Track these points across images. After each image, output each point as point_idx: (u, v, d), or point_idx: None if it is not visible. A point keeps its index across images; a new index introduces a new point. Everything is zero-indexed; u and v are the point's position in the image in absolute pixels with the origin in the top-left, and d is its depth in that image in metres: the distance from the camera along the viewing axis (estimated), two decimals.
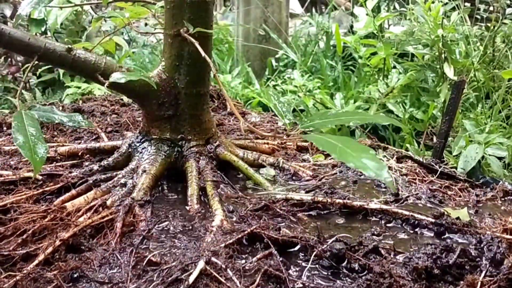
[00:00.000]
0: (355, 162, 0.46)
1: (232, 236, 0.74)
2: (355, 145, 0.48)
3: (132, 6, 0.83)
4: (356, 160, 0.46)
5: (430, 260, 0.71)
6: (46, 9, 0.94)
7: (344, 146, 0.47)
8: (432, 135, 1.63)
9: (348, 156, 0.46)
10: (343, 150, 0.47)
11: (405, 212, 0.81)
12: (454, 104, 1.10)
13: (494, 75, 1.76)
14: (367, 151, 0.48)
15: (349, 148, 0.47)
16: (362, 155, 0.47)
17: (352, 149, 0.47)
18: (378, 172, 0.44)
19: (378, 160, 0.45)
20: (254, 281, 0.65)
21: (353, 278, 0.68)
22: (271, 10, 2.64)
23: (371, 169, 0.46)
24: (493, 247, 0.75)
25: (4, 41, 0.77)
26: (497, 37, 1.86)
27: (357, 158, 0.47)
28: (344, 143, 0.48)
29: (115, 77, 0.74)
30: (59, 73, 2.25)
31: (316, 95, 1.91)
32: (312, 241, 0.72)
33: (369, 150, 0.49)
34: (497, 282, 0.69)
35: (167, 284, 0.65)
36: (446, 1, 1.85)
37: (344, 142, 0.48)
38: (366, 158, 0.47)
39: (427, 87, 1.82)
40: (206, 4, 0.85)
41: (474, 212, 0.87)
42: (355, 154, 0.47)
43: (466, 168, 1.18)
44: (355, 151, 0.47)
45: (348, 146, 0.47)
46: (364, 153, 0.48)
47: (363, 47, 1.89)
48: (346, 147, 0.47)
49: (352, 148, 0.47)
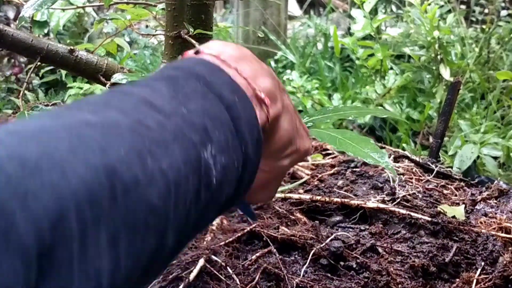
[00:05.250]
0: (355, 151, 0.47)
1: (232, 235, 0.75)
2: (354, 136, 0.50)
3: (133, 8, 0.84)
4: (356, 149, 0.47)
5: (426, 258, 0.72)
6: (49, 11, 0.95)
7: (344, 137, 0.48)
8: (428, 135, 1.65)
9: (348, 146, 0.48)
10: (342, 140, 0.48)
11: (402, 211, 0.82)
12: (449, 104, 1.12)
13: (489, 76, 1.78)
14: (366, 141, 0.50)
15: (349, 139, 0.48)
16: (361, 144, 0.49)
17: (351, 140, 0.48)
18: (379, 159, 0.45)
19: (378, 149, 0.47)
20: (254, 279, 0.66)
21: (351, 276, 0.69)
22: (270, 12, 2.65)
23: (371, 156, 0.47)
24: (488, 245, 0.76)
25: (7, 42, 0.78)
26: (492, 39, 1.88)
27: (356, 147, 0.48)
28: (343, 134, 0.50)
29: (116, 78, 0.75)
30: (62, 74, 2.26)
31: (314, 96, 1.92)
32: (310, 240, 0.73)
33: (368, 140, 0.50)
34: (492, 279, 0.70)
35: (168, 282, 0.66)
36: (442, 3, 1.87)
37: (343, 134, 0.50)
38: (366, 147, 0.49)
39: (423, 88, 1.83)
40: (206, 7, 0.86)
41: (469, 210, 0.89)
42: (355, 143, 0.48)
43: (461, 168, 1.20)
44: (355, 141, 0.48)
45: (347, 137, 0.49)
46: (363, 142, 0.49)
47: (360, 49, 1.91)
48: (345, 138, 0.48)
49: (352, 139, 0.48)
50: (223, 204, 0.31)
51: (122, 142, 0.23)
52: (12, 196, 0.18)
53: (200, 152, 0.27)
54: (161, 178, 0.24)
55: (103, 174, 0.21)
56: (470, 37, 1.96)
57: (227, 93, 0.31)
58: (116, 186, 0.22)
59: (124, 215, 0.22)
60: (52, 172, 0.20)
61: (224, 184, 0.29)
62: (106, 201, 0.21)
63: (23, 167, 0.19)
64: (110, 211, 0.21)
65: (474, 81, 1.76)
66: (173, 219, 0.25)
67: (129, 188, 0.22)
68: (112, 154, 0.22)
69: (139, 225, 0.23)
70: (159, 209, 0.24)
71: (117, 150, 0.23)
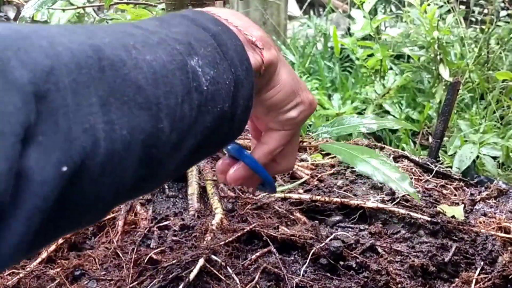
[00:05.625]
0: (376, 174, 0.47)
1: (231, 235, 0.75)
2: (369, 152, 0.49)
3: (133, 9, 0.84)
4: (377, 172, 0.47)
5: (426, 258, 0.72)
6: (49, 11, 0.95)
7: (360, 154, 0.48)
8: (427, 135, 1.65)
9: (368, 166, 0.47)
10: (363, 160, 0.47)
11: (401, 210, 0.83)
12: (449, 104, 1.12)
13: (488, 76, 1.78)
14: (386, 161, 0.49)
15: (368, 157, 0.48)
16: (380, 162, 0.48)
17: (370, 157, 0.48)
18: (400, 184, 0.44)
19: (400, 171, 0.46)
20: (253, 278, 0.66)
21: (350, 275, 0.69)
22: (270, 12, 2.65)
23: (393, 180, 0.47)
24: (487, 245, 0.76)
25: None
26: (492, 39, 1.89)
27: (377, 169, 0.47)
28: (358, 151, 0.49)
29: None
30: None
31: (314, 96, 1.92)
32: (310, 239, 0.73)
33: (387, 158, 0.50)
34: (492, 279, 0.71)
35: (168, 282, 0.66)
36: (441, 3, 1.87)
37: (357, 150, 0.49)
38: (388, 169, 0.48)
39: (423, 88, 1.84)
40: (206, 7, 0.86)
41: (469, 210, 0.89)
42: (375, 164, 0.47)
43: (461, 168, 1.20)
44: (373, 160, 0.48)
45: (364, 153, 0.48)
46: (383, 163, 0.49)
47: (360, 49, 1.91)
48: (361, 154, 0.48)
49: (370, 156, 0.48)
50: (221, 124, 0.32)
51: (107, 35, 0.25)
52: (7, 48, 0.20)
53: (186, 59, 0.29)
54: (147, 66, 0.26)
55: (90, 49, 0.23)
56: (470, 37, 1.96)
57: (213, 26, 0.32)
58: (103, 60, 0.24)
59: (113, 87, 0.24)
60: (42, 41, 0.22)
61: (217, 96, 0.30)
62: (95, 72, 0.23)
63: (16, 33, 0.21)
64: (100, 81, 0.23)
65: (473, 81, 1.76)
66: (165, 106, 0.26)
67: (116, 66, 0.24)
68: (98, 40, 0.25)
69: (129, 100, 0.24)
70: (147, 91, 0.25)
71: (103, 38, 0.25)
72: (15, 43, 0.21)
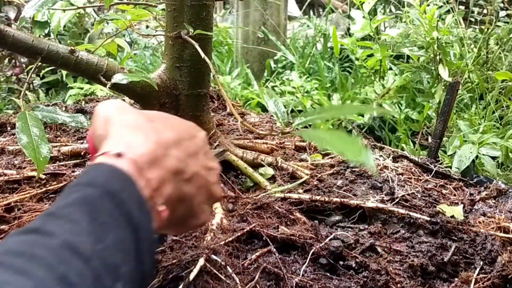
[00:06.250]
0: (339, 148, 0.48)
1: (231, 234, 0.75)
2: (342, 136, 0.50)
3: (133, 9, 0.84)
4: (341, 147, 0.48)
5: (425, 258, 0.73)
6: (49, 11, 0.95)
7: (332, 137, 0.49)
8: (427, 135, 1.66)
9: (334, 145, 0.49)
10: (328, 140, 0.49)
11: (400, 210, 0.83)
12: (448, 104, 1.12)
13: (488, 76, 1.79)
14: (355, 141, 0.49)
15: (336, 139, 0.49)
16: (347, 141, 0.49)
17: (338, 139, 0.49)
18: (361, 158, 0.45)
19: (363, 147, 0.47)
20: (253, 278, 0.66)
21: (350, 275, 0.69)
22: (270, 12, 2.66)
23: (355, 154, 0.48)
24: (487, 245, 0.77)
25: (8, 43, 0.78)
26: (491, 39, 1.89)
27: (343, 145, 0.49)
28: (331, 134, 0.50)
29: (117, 78, 0.75)
30: (62, 74, 2.26)
31: (313, 96, 1.93)
32: (310, 239, 0.73)
33: (357, 139, 0.50)
34: (491, 279, 0.71)
35: (168, 281, 0.66)
36: (441, 4, 1.87)
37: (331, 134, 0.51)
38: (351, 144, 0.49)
39: (422, 88, 1.84)
40: (206, 7, 0.87)
41: (468, 210, 0.89)
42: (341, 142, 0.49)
43: (460, 168, 1.20)
44: (341, 140, 0.49)
45: (335, 136, 0.50)
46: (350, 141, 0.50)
47: (359, 49, 1.91)
48: (333, 137, 0.49)
49: (339, 139, 0.49)
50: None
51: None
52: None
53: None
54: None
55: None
56: (469, 38, 1.97)
57: (136, 213, 0.37)
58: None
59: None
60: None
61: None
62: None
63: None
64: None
65: (473, 81, 1.77)
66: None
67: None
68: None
69: None
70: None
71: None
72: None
